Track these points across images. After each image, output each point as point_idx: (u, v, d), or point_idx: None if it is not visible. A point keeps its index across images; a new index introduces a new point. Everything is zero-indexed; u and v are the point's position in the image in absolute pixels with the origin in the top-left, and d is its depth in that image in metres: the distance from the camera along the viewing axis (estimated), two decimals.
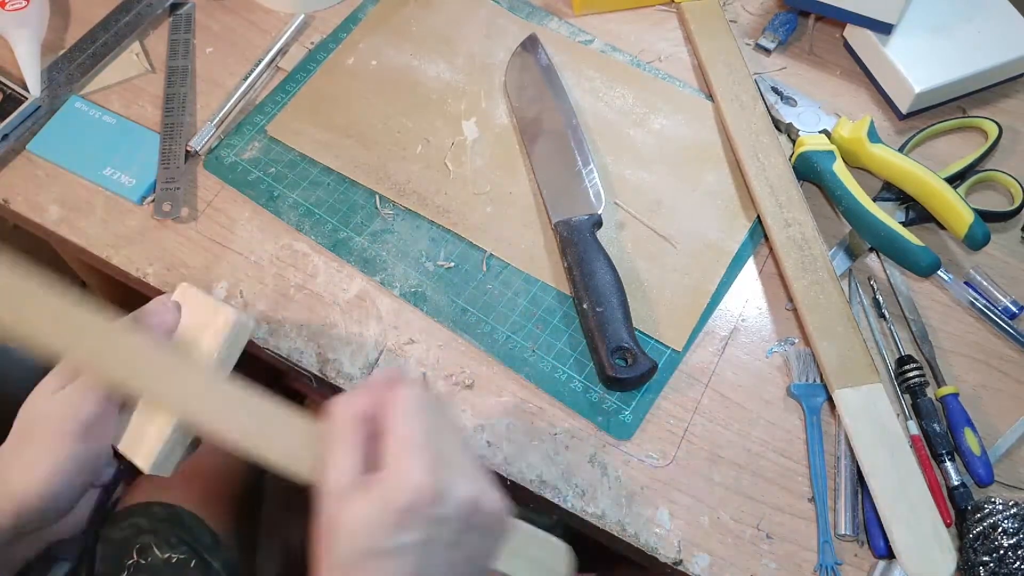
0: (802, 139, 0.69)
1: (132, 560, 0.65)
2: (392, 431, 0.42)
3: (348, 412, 0.43)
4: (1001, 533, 0.54)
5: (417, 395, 0.43)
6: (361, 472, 0.41)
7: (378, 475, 0.41)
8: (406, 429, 0.42)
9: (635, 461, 0.59)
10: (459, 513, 0.41)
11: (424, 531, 0.40)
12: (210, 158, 0.71)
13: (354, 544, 0.40)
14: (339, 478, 0.41)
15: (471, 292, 0.65)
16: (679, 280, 0.65)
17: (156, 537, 0.66)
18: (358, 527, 0.39)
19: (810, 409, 0.61)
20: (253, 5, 0.79)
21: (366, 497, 0.40)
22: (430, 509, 0.40)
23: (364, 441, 0.43)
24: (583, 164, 0.68)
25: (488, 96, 0.74)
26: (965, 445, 0.58)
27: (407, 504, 0.39)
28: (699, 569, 0.56)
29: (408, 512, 0.39)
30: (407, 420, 0.42)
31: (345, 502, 0.40)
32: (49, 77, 0.74)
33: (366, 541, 0.39)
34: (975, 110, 0.74)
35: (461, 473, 0.42)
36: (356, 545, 0.39)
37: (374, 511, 0.39)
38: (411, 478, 0.40)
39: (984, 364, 0.63)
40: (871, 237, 0.65)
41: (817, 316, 0.62)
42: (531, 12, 0.79)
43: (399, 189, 0.69)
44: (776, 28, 0.77)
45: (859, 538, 0.57)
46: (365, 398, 0.44)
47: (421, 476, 0.40)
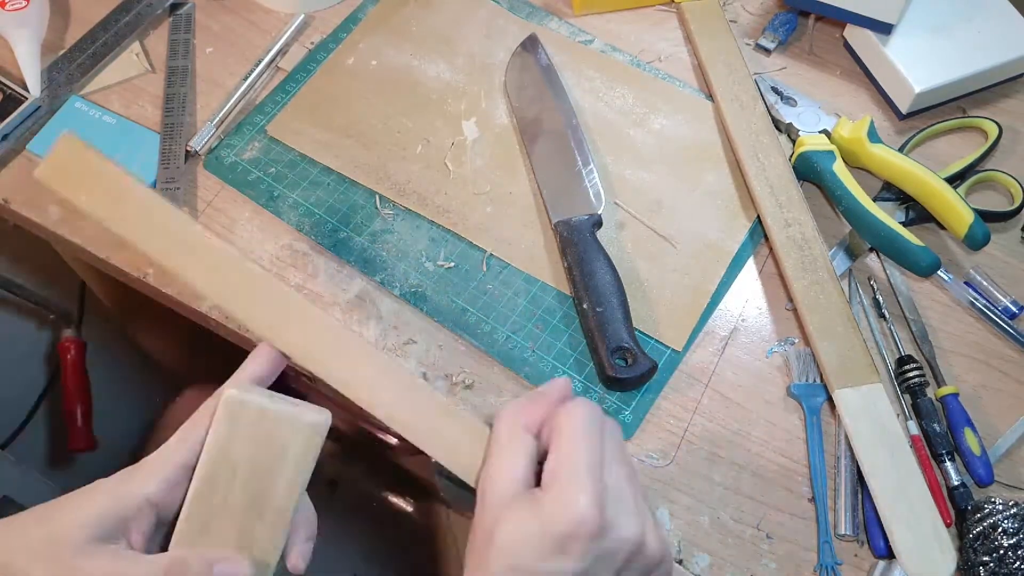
0: (802, 139, 0.69)
1: None
2: (561, 450, 0.40)
3: (518, 421, 0.42)
4: (1001, 533, 0.54)
5: (591, 416, 0.41)
6: (525, 486, 0.40)
7: (543, 494, 0.39)
8: (577, 452, 0.40)
9: (635, 461, 0.59)
10: (621, 551, 0.40)
11: (582, 563, 0.38)
12: (210, 158, 0.71)
13: (508, 560, 0.39)
14: (503, 488, 0.40)
15: (471, 292, 0.65)
16: (679, 280, 0.65)
17: None
18: (515, 543, 0.39)
19: (810, 409, 0.61)
20: (253, 5, 0.79)
21: (527, 514, 0.39)
22: (592, 542, 0.38)
23: (531, 454, 0.42)
24: (583, 164, 0.68)
25: (488, 96, 0.74)
26: (965, 445, 0.58)
27: (568, 531, 0.38)
28: (699, 569, 0.56)
29: (568, 540, 0.38)
30: (579, 442, 0.40)
31: (505, 514, 0.39)
32: (49, 77, 0.74)
33: (521, 559, 0.38)
34: (975, 110, 0.74)
35: (628, 510, 0.40)
36: (511, 561, 0.39)
37: (533, 530, 0.38)
38: (577, 505, 0.38)
39: (984, 364, 0.63)
40: (871, 237, 0.65)
41: (817, 316, 0.62)
42: (531, 12, 0.79)
43: (399, 189, 0.69)
44: (776, 28, 0.77)
45: (859, 538, 0.57)
46: (536, 409, 0.43)
47: (587, 506, 0.38)
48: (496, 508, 0.40)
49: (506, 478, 0.40)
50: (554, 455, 0.40)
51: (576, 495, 0.38)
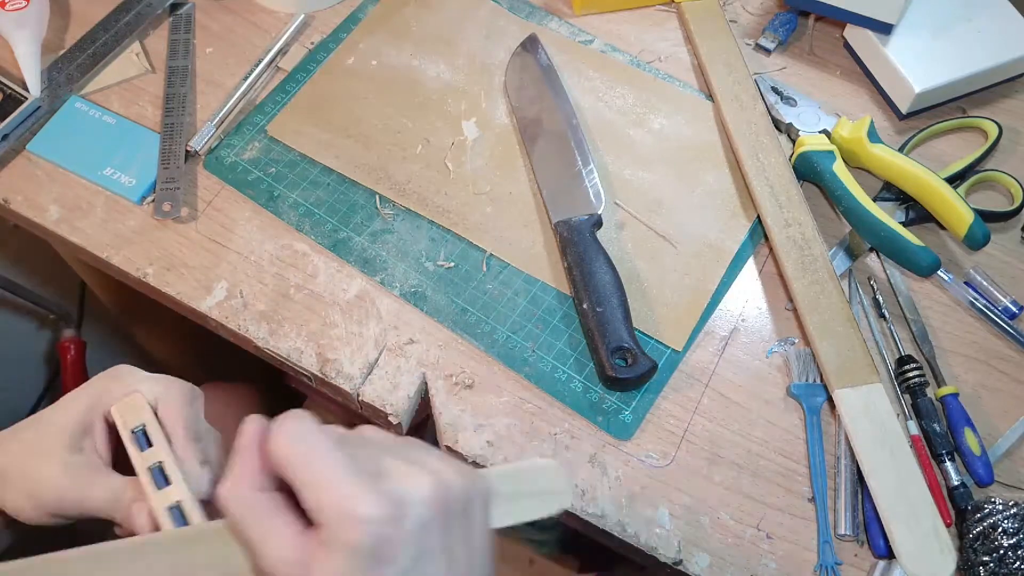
0: (802, 139, 0.69)
1: None
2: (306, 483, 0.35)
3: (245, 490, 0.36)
4: (1001, 533, 0.54)
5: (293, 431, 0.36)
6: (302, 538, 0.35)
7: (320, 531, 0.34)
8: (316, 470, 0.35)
9: (635, 461, 0.59)
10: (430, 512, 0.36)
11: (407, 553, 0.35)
12: (210, 158, 0.71)
13: None
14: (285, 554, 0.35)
15: (471, 292, 0.65)
16: (679, 280, 0.65)
17: None
18: None
19: (810, 409, 0.61)
20: (253, 5, 0.79)
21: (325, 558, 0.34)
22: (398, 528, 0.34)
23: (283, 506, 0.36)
24: (583, 164, 0.68)
25: (488, 96, 0.74)
26: (965, 445, 0.58)
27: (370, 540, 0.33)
28: (699, 569, 0.56)
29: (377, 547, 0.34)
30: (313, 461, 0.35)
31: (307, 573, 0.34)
32: (49, 77, 0.74)
33: None
34: (975, 110, 0.74)
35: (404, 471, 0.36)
36: None
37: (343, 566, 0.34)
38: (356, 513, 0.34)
39: (984, 364, 0.63)
40: (871, 237, 0.65)
41: (817, 316, 0.62)
42: (531, 12, 0.79)
43: (399, 189, 0.69)
44: (776, 28, 0.77)
45: (859, 538, 0.57)
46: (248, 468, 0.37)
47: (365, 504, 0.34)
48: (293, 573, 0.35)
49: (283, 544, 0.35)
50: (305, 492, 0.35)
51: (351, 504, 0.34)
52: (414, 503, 0.35)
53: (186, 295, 0.65)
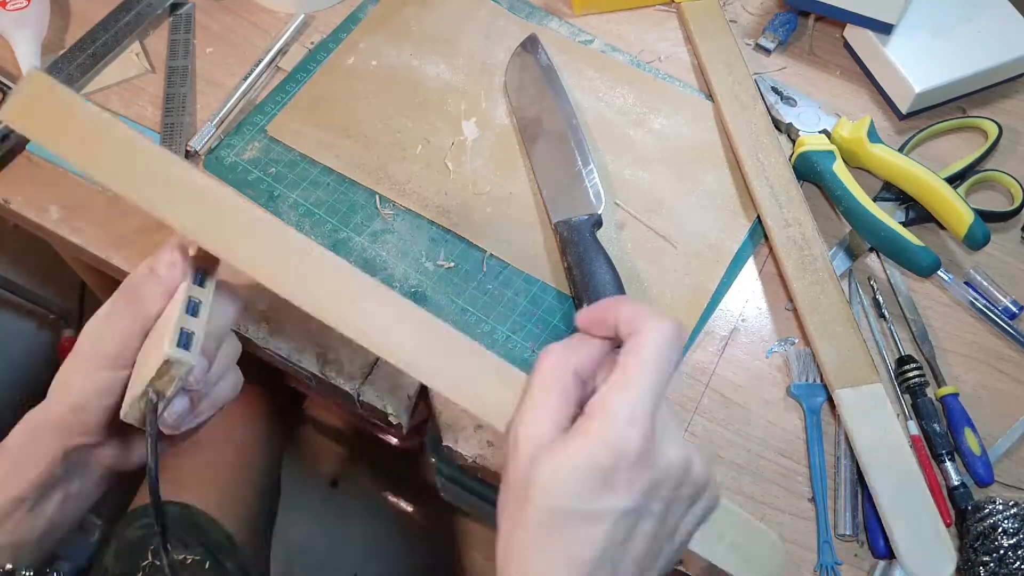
0: (802, 139, 0.69)
1: (147, 561, 0.65)
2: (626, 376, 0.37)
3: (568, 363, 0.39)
4: (1001, 533, 0.54)
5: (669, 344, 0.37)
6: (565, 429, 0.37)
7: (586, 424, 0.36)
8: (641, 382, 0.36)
9: None
10: (669, 479, 0.37)
11: (631, 497, 0.36)
12: (210, 158, 0.71)
13: (554, 502, 0.35)
14: (539, 431, 0.37)
15: (471, 292, 0.65)
16: (679, 280, 0.65)
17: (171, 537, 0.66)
18: (555, 484, 0.35)
19: (810, 409, 0.61)
20: (253, 5, 0.79)
21: (571, 447, 0.35)
22: (639, 472, 0.35)
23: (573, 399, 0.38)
24: (583, 164, 0.68)
25: (488, 96, 0.74)
26: (965, 445, 0.58)
27: (615, 464, 0.35)
28: (699, 569, 0.56)
29: (615, 473, 0.35)
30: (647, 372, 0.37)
31: (544, 456, 0.36)
32: None
33: (563, 500, 0.35)
34: (975, 110, 0.74)
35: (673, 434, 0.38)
36: (556, 503, 0.35)
37: (579, 465, 0.35)
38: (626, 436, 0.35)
39: (984, 364, 0.63)
40: (871, 237, 0.65)
41: (817, 316, 0.62)
42: (531, 12, 0.79)
43: (399, 189, 0.69)
44: (776, 28, 0.77)
45: (859, 538, 0.57)
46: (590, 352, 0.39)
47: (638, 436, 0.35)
48: (532, 452, 0.36)
49: (544, 421, 0.37)
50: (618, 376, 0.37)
51: (628, 428, 0.35)
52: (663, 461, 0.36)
53: None
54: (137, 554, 0.65)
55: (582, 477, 0.35)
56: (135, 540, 0.66)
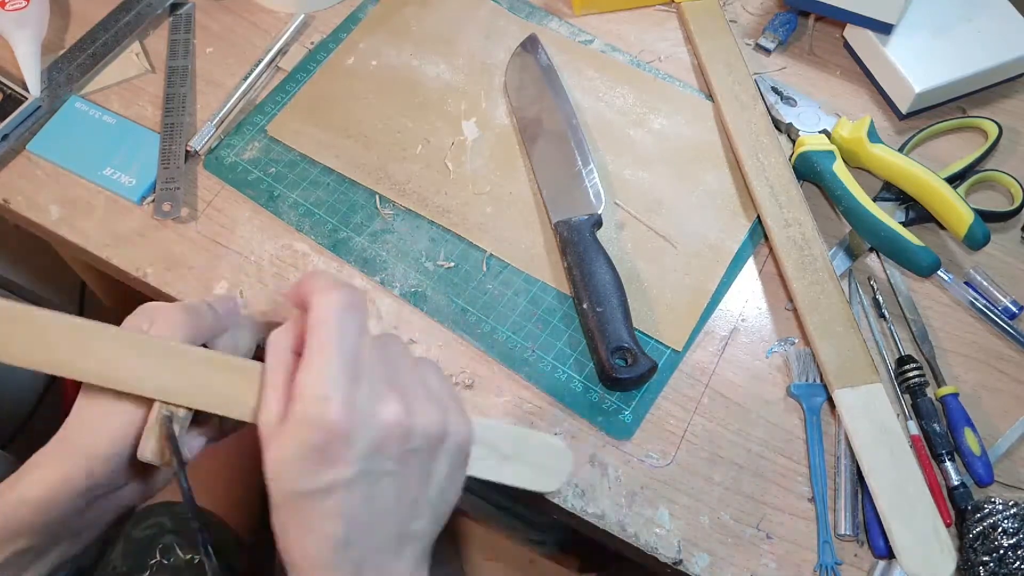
0: (802, 139, 0.69)
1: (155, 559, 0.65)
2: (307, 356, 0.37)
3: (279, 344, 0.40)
4: (1001, 533, 0.54)
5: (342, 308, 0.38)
6: None
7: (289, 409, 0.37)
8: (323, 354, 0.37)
9: (635, 461, 0.59)
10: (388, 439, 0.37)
11: (352, 466, 0.37)
12: (210, 158, 0.71)
13: (285, 486, 0.37)
14: (268, 417, 0.38)
15: (471, 292, 0.65)
16: (679, 280, 0.65)
17: (179, 537, 0.66)
18: (282, 468, 0.37)
19: (810, 409, 0.61)
20: (253, 5, 0.79)
21: (281, 435, 0.37)
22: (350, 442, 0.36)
23: None
24: (583, 164, 0.68)
25: (488, 96, 0.74)
26: (965, 445, 0.58)
27: (322, 440, 0.36)
28: (699, 569, 0.56)
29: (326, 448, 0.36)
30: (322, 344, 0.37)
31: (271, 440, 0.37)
32: (49, 77, 0.74)
33: (292, 483, 0.37)
34: (975, 110, 0.74)
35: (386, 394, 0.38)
36: (286, 487, 0.37)
37: (291, 450, 0.36)
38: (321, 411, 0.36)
39: (984, 364, 0.63)
40: (871, 237, 0.65)
41: (817, 316, 0.62)
42: (531, 12, 0.79)
43: (399, 189, 0.69)
44: (776, 28, 0.77)
45: (859, 538, 0.57)
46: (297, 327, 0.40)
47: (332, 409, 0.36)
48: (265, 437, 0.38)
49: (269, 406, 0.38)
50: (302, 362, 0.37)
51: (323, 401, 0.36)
52: (374, 426, 0.37)
53: (186, 295, 0.65)
54: (145, 553, 0.65)
55: (298, 459, 0.36)
56: (143, 539, 0.66)
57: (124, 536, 0.68)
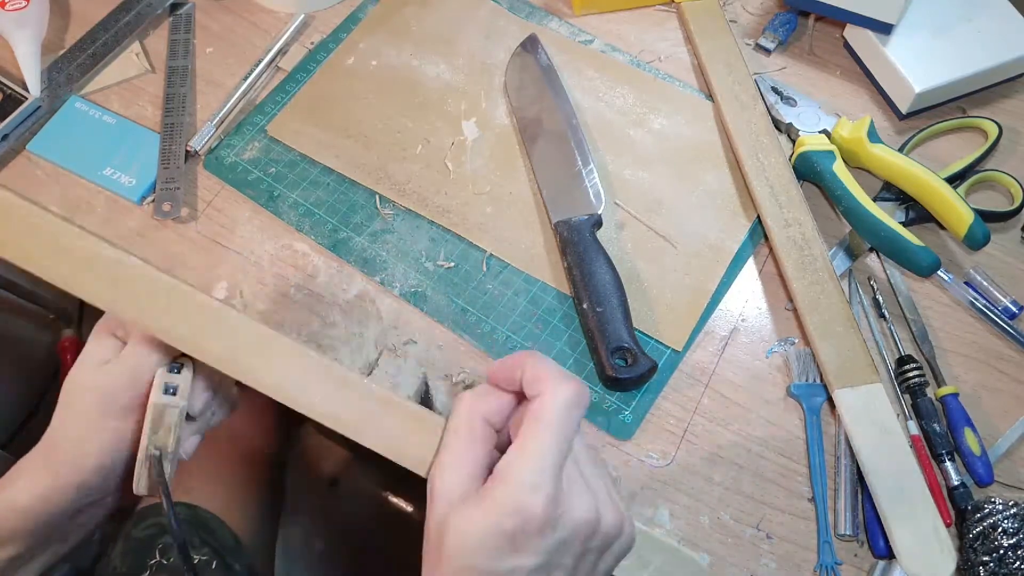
0: (802, 139, 0.69)
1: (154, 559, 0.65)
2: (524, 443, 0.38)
3: (478, 410, 0.40)
4: (1001, 533, 0.54)
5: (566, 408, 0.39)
6: (479, 481, 0.39)
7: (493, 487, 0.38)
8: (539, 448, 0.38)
9: (635, 461, 0.59)
10: (577, 536, 0.39)
11: (539, 557, 0.37)
12: (210, 158, 0.71)
13: (463, 560, 0.37)
14: (453, 483, 0.39)
15: (471, 292, 0.65)
16: (679, 280, 0.65)
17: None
18: (467, 543, 0.37)
19: (810, 409, 0.61)
20: (253, 5, 0.79)
21: (478, 511, 0.37)
22: (545, 534, 0.37)
23: (488, 447, 0.40)
24: (583, 164, 0.68)
25: (488, 96, 0.74)
26: (965, 445, 0.58)
27: (520, 527, 0.37)
28: None
29: (521, 536, 0.37)
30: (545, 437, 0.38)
31: (458, 511, 0.38)
32: (49, 77, 0.74)
33: (474, 560, 0.37)
34: (975, 110, 0.74)
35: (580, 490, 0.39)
36: (465, 562, 0.37)
37: (484, 529, 0.37)
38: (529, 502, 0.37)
39: (984, 364, 0.63)
40: (871, 237, 0.65)
41: (817, 316, 0.62)
42: (531, 12, 0.79)
43: (399, 189, 0.69)
44: (776, 28, 0.77)
45: (859, 538, 0.57)
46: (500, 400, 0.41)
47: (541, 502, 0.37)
48: (447, 505, 0.38)
49: (458, 472, 0.39)
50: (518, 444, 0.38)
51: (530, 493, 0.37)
52: (569, 521, 0.38)
53: None
54: (145, 553, 0.65)
55: (490, 540, 0.37)
56: (143, 539, 0.66)
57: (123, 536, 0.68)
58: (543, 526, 0.37)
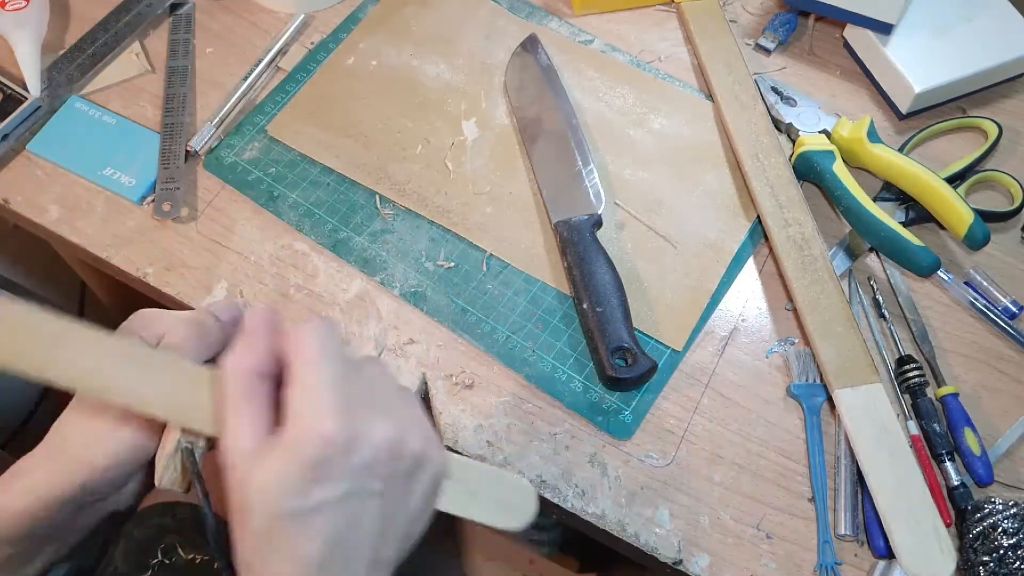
0: (802, 139, 0.69)
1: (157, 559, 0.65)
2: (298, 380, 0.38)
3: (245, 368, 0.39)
4: (1001, 533, 0.54)
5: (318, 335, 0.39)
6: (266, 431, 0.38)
7: (283, 430, 0.37)
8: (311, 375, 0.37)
9: (635, 461, 0.59)
10: (380, 457, 0.38)
11: (344, 483, 0.37)
12: (210, 158, 0.71)
13: (269, 508, 0.36)
14: (243, 443, 0.37)
15: (471, 292, 0.65)
16: (679, 280, 0.65)
17: (181, 537, 0.66)
18: (269, 489, 0.36)
19: (810, 409, 0.61)
20: (253, 5, 0.79)
21: (272, 455, 0.36)
22: (345, 458, 0.36)
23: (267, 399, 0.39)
24: (583, 164, 0.68)
25: (488, 96, 0.74)
26: (965, 445, 0.58)
27: (317, 456, 0.36)
28: (699, 569, 0.56)
29: (320, 464, 0.36)
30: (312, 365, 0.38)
31: (252, 466, 0.36)
32: (49, 77, 0.74)
33: (281, 503, 0.36)
34: (975, 110, 0.74)
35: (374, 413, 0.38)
36: (271, 509, 0.36)
37: (283, 469, 0.36)
38: (318, 427, 0.36)
39: (984, 364, 0.63)
40: (871, 237, 0.65)
41: (817, 316, 0.62)
42: (531, 12, 0.79)
43: (399, 189, 0.69)
44: (776, 28, 0.77)
45: (859, 538, 0.57)
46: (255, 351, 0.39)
47: (330, 423, 0.36)
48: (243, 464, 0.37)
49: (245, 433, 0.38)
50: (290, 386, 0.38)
51: (316, 416, 0.36)
52: (369, 442, 0.37)
53: (186, 295, 0.65)
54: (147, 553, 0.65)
55: (292, 478, 0.36)
56: (145, 539, 0.66)
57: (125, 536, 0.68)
58: (341, 449, 0.36)
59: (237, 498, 0.37)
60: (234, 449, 0.38)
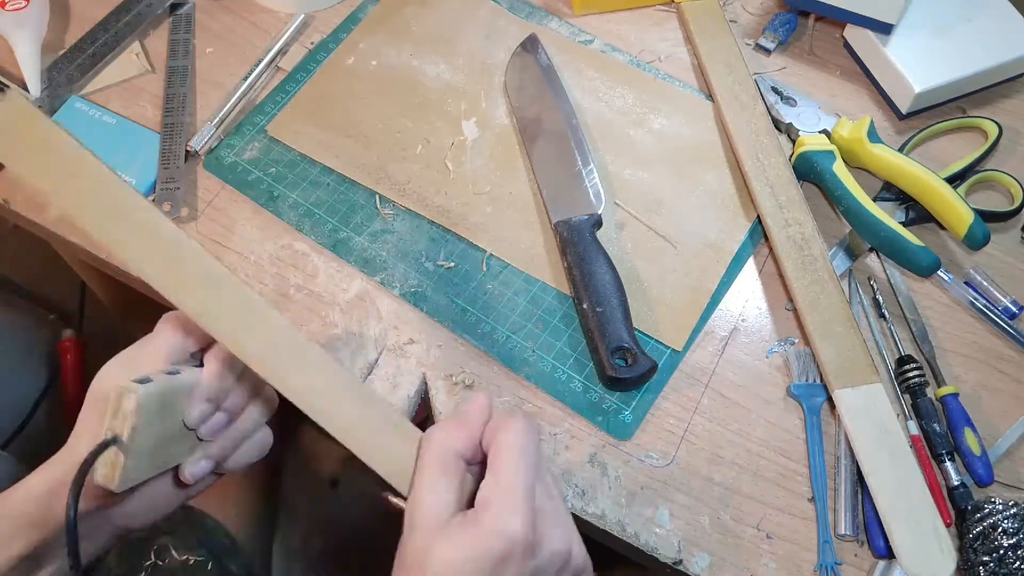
0: (802, 139, 0.69)
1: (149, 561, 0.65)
2: (499, 472, 0.41)
3: (448, 446, 0.43)
4: (1001, 533, 0.54)
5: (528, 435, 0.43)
6: (457, 511, 0.41)
7: (477, 517, 0.40)
8: (514, 474, 0.41)
9: (635, 461, 0.59)
10: (553, 563, 0.41)
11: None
12: (210, 158, 0.71)
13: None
14: (434, 514, 0.41)
15: (471, 292, 0.65)
16: (679, 280, 0.65)
17: (174, 538, 0.66)
18: (455, 566, 0.39)
19: (810, 409, 0.61)
20: (253, 5, 0.79)
21: (464, 536, 0.40)
22: (524, 559, 0.40)
23: (460, 477, 0.43)
24: (583, 164, 0.68)
25: (488, 96, 0.74)
26: (965, 445, 0.58)
27: (504, 551, 0.39)
28: (699, 569, 0.56)
29: (504, 559, 0.39)
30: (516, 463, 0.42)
31: (439, 539, 0.40)
32: (49, 77, 0.74)
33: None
34: (975, 110, 0.74)
35: (555, 523, 0.42)
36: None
37: (471, 554, 0.39)
38: (511, 527, 0.39)
39: (984, 364, 0.63)
40: (871, 237, 0.65)
41: (817, 316, 0.62)
42: (531, 12, 0.79)
43: (399, 189, 0.69)
44: (776, 28, 0.77)
45: (859, 538, 0.57)
46: (467, 431, 0.44)
47: (519, 525, 0.39)
48: (427, 533, 0.40)
49: (438, 504, 0.41)
50: (491, 477, 0.41)
51: (511, 517, 0.39)
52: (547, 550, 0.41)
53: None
54: (140, 555, 0.65)
55: (476, 563, 0.39)
56: (138, 541, 0.66)
57: None
58: (525, 550, 0.39)
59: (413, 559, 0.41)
60: (421, 520, 0.41)
